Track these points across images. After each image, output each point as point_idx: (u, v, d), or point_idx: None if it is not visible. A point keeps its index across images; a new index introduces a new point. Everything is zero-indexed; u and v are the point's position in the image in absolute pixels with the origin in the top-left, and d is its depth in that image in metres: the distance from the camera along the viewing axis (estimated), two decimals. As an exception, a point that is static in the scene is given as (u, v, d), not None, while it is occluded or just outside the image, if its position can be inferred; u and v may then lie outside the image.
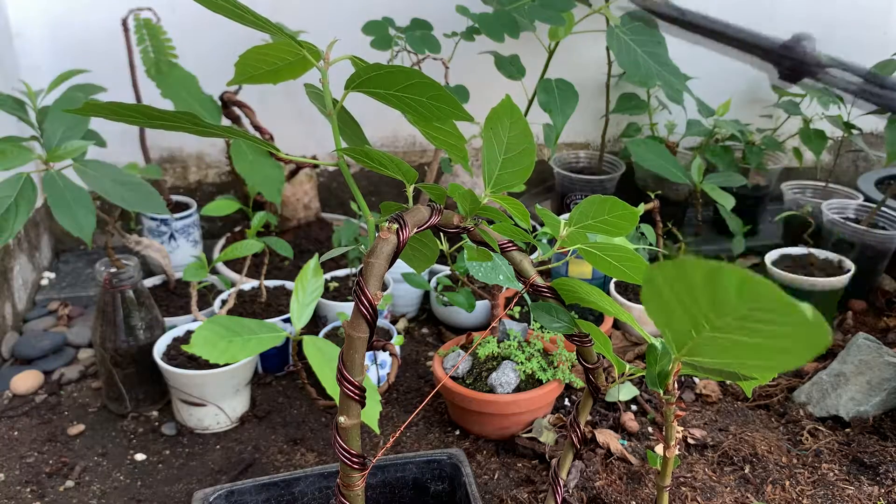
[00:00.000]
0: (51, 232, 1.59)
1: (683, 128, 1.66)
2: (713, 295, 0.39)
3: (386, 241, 0.45)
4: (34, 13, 1.44)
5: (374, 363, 1.10)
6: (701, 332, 0.44)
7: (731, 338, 0.43)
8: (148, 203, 0.96)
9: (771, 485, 0.98)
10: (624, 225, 0.58)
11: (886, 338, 1.31)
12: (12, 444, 1.05)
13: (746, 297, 0.37)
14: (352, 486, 0.49)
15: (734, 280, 0.37)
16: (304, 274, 0.98)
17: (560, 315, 0.58)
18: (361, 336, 0.45)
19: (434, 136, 0.54)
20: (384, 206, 0.57)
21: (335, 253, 1.06)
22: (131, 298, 1.06)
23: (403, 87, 0.49)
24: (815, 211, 1.52)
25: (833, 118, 1.62)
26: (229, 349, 0.87)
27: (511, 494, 0.95)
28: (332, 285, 1.32)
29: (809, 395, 1.14)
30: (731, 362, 0.45)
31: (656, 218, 1.35)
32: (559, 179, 1.68)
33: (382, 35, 1.30)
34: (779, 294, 0.35)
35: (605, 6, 1.35)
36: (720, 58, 1.77)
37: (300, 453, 1.04)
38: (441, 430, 1.09)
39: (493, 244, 0.56)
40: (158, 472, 1.01)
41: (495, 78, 1.35)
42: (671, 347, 0.48)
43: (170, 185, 1.64)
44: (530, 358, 1.05)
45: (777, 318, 0.37)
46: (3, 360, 1.24)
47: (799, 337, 0.37)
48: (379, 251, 0.44)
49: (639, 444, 1.05)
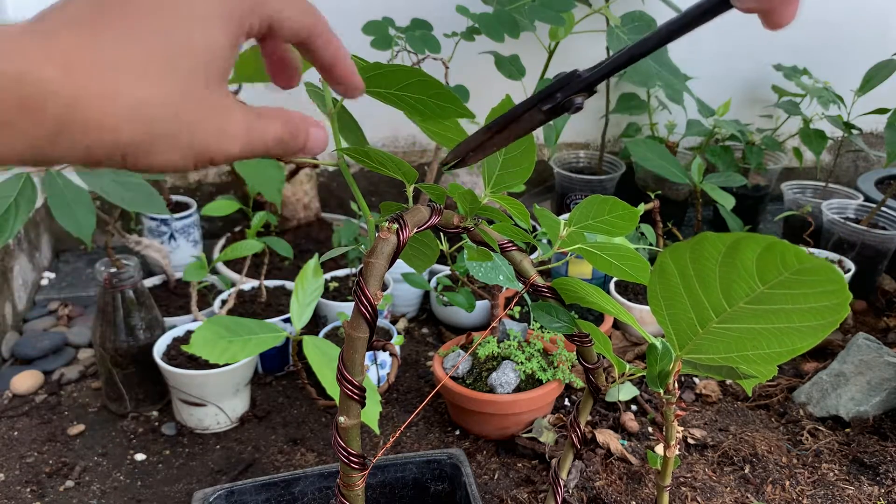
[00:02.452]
0: (51, 232, 1.59)
1: (683, 128, 1.66)
2: (730, 272, 0.39)
3: (386, 241, 0.45)
4: (33, 13, 1.44)
5: (374, 363, 1.10)
6: (707, 325, 0.44)
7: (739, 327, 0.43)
8: (148, 203, 0.96)
9: (771, 485, 0.98)
10: (624, 225, 0.58)
11: (886, 338, 1.31)
12: (12, 444, 1.05)
13: (775, 265, 0.37)
14: (352, 486, 0.49)
15: (757, 248, 0.37)
16: (304, 274, 0.98)
17: (560, 315, 0.58)
18: (361, 336, 0.45)
19: (436, 133, 0.54)
20: (384, 206, 0.57)
21: (335, 253, 1.06)
22: (131, 298, 1.06)
23: (404, 85, 0.49)
24: (815, 211, 1.52)
25: (833, 118, 1.62)
26: (229, 349, 0.87)
27: (511, 494, 0.95)
28: (332, 285, 1.32)
29: (809, 395, 1.14)
30: (736, 356, 0.45)
31: (656, 218, 1.35)
32: (559, 179, 1.68)
33: (382, 35, 1.30)
34: (808, 255, 0.36)
35: (605, 6, 1.35)
36: (720, 58, 1.78)
37: (300, 453, 1.04)
38: (441, 430, 1.09)
39: (493, 244, 0.56)
40: (158, 472, 1.01)
41: (495, 78, 1.35)
42: (673, 346, 0.48)
43: (170, 185, 1.64)
44: (530, 358, 1.05)
45: (808, 280, 0.37)
46: (3, 360, 1.24)
47: (825, 300, 0.37)
48: (379, 251, 0.44)
49: (639, 444, 1.05)
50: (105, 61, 0.29)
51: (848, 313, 0.36)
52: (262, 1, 0.34)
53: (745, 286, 0.40)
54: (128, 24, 0.30)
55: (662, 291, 0.44)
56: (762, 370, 0.49)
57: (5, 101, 0.27)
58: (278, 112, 0.37)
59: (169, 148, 0.31)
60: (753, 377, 0.51)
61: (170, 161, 0.32)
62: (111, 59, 0.29)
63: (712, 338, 0.45)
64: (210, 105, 0.32)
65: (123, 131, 0.30)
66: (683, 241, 0.40)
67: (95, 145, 0.29)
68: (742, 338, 0.44)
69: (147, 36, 0.30)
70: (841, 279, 0.37)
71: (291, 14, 0.36)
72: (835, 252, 1.42)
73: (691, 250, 0.40)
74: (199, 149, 0.33)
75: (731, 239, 0.38)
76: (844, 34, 1.81)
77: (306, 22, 0.37)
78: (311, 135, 0.39)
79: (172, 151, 0.32)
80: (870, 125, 1.91)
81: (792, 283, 0.38)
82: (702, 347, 0.47)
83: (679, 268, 0.42)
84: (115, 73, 0.29)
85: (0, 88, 0.26)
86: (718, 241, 0.39)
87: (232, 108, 0.34)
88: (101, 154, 0.30)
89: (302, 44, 0.38)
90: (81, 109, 0.28)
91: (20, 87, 0.27)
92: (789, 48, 1.78)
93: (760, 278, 0.39)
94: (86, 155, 0.30)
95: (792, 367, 1.25)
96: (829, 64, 1.78)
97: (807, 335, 0.41)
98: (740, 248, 0.38)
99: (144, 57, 0.30)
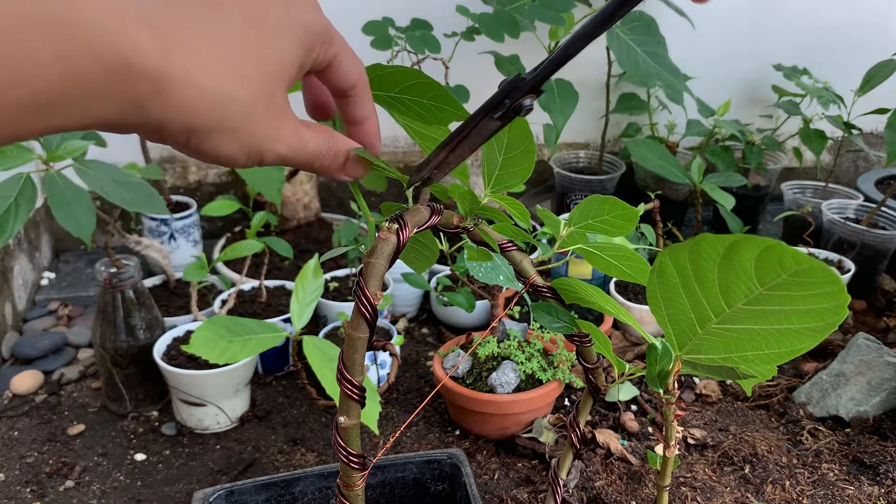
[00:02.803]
0: (51, 232, 1.59)
1: (683, 128, 1.66)
2: (728, 274, 0.39)
3: (386, 241, 0.45)
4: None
5: (374, 363, 1.10)
6: (706, 326, 0.44)
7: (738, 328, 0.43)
8: (148, 203, 0.96)
9: (771, 485, 0.98)
10: (624, 225, 0.58)
11: (886, 338, 1.31)
12: (12, 444, 1.05)
13: (774, 267, 0.37)
14: (352, 486, 0.49)
15: (755, 250, 0.37)
16: (304, 274, 0.98)
17: (560, 315, 0.58)
18: (361, 336, 0.45)
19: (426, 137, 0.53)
20: (384, 207, 0.57)
21: (335, 253, 1.06)
22: (131, 298, 1.06)
23: (403, 87, 0.49)
24: (815, 211, 1.52)
25: (833, 118, 1.62)
26: (229, 349, 0.87)
27: (511, 494, 0.95)
28: (332, 285, 1.32)
29: (809, 395, 1.14)
30: (735, 357, 0.45)
31: (656, 218, 1.35)
32: (559, 179, 1.68)
33: (382, 35, 1.30)
34: (805, 257, 0.36)
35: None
36: (720, 58, 1.78)
37: (300, 453, 1.04)
38: (441, 430, 1.09)
39: (493, 244, 0.56)
40: (158, 472, 1.01)
41: (495, 78, 1.35)
42: (672, 346, 0.48)
43: (170, 185, 1.64)
44: (530, 358, 1.05)
45: (806, 281, 0.37)
46: (3, 360, 1.24)
47: (823, 302, 0.37)
48: (379, 251, 0.44)
49: (639, 445, 1.05)
50: (204, 54, 0.32)
51: (846, 315, 0.36)
52: (332, 40, 0.38)
53: (743, 287, 0.40)
54: (225, 22, 0.33)
55: (662, 291, 0.44)
56: (761, 370, 0.49)
57: (101, 72, 0.28)
58: (326, 129, 0.41)
59: (230, 140, 0.35)
60: (753, 377, 0.51)
61: (227, 151, 0.35)
62: (209, 53, 0.32)
63: (711, 338, 0.45)
64: (274, 111, 0.36)
65: (199, 118, 0.32)
66: (682, 242, 0.40)
67: (170, 124, 0.32)
68: (741, 338, 0.44)
69: (240, 39, 0.33)
70: (839, 281, 0.37)
71: (347, 59, 0.40)
72: (835, 252, 1.42)
73: (690, 251, 0.40)
74: (255, 145, 0.36)
75: (729, 240, 0.38)
76: (844, 34, 1.81)
77: (357, 71, 0.41)
78: (353, 159, 0.42)
79: (232, 143, 0.35)
80: (870, 125, 1.91)
81: (790, 284, 0.38)
82: (701, 348, 0.47)
83: (678, 268, 0.42)
84: (209, 64, 0.32)
85: (97, 57, 0.28)
86: (717, 242, 0.39)
87: (287, 115, 0.37)
88: (171, 132, 0.33)
89: (345, 92, 0.42)
90: (170, 91, 0.31)
91: (116, 59, 0.28)
92: (789, 48, 1.78)
93: (759, 280, 0.39)
94: (156, 129, 0.32)
95: (792, 367, 1.25)
96: (829, 64, 1.78)
97: (805, 336, 0.41)
98: (739, 250, 0.38)
99: (239, 58, 0.33)
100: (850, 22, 1.80)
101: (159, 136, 0.33)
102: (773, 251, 0.37)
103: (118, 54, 0.28)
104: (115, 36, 0.28)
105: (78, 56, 0.27)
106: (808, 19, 1.78)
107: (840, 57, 1.80)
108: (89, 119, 0.29)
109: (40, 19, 0.26)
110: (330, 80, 0.41)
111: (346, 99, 0.42)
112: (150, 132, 0.32)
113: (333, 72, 0.40)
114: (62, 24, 0.26)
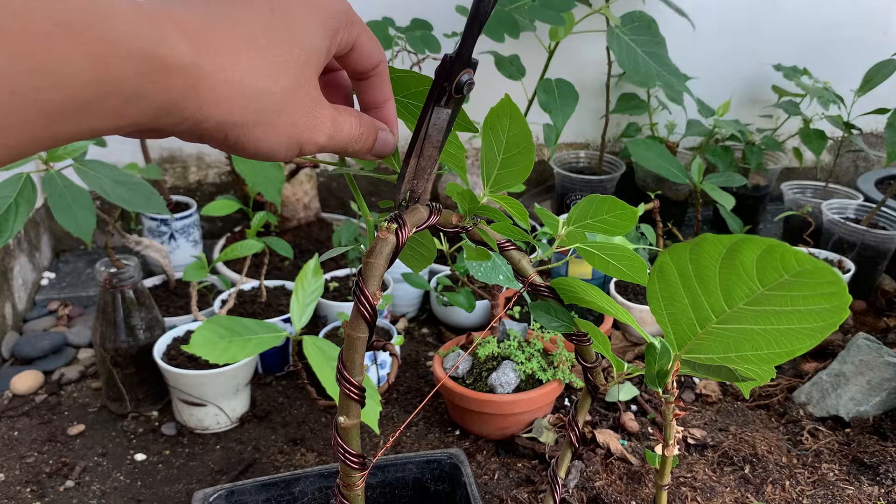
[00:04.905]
0: (51, 232, 1.59)
1: (683, 128, 1.66)
2: (730, 274, 0.39)
3: (385, 240, 0.45)
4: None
5: (374, 363, 1.10)
6: (706, 326, 0.44)
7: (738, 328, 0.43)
8: (148, 203, 0.96)
9: (771, 485, 0.98)
10: (623, 224, 0.58)
11: (886, 338, 1.31)
12: (12, 444, 1.05)
13: (775, 267, 0.37)
14: (352, 486, 0.49)
15: (757, 250, 0.37)
16: (304, 274, 0.98)
17: (559, 314, 0.58)
18: (361, 336, 0.45)
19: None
20: (384, 206, 0.57)
21: (335, 253, 1.06)
22: (131, 298, 1.06)
23: (409, 94, 0.49)
24: (815, 211, 1.52)
25: (833, 118, 1.62)
26: (229, 349, 0.87)
27: (511, 494, 0.95)
28: (332, 285, 1.32)
29: (809, 395, 1.14)
30: (734, 356, 0.45)
31: (656, 218, 1.35)
32: (559, 179, 1.68)
33: (383, 35, 1.30)
34: (808, 257, 0.36)
35: (605, 6, 1.35)
36: (720, 58, 1.78)
37: (300, 453, 1.04)
38: (441, 430, 1.09)
39: (492, 244, 0.56)
40: (158, 472, 1.01)
41: (495, 78, 1.35)
42: (672, 345, 0.48)
43: (170, 185, 1.64)
44: (530, 358, 1.05)
45: (808, 282, 0.37)
46: (3, 360, 1.24)
47: (825, 302, 0.37)
48: (378, 251, 0.44)
49: (639, 445, 1.05)
50: (235, 49, 0.32)
51: (847, 316, 0.36)
52: (353, 21, 0.38)
53: (744, 287, 0.40)
54: (252, 16, 0.33)
55: (662, 291, 0.44)
56: (760, 371, 0.49)
57: (134, 73, 0.28)
58: (353, 111, 0.40)
59: (268, 134, 0.35)
60: (751, 380, 0.51)
61: (266, 145, 0.35)
62: (240, 48, 0.32)
63: (711, 338, 0.45)
64: (309, 99, 0.36)
65: (236, 114, 0.33)
66: (683, 242, 0.40)
67: (206, 121, 0.32)
68: (741, 338, 0.44)
69: (268, 32, 0.34)
70: (841, 282, 0.37)
71: (369, 40, 0.40)
72: (835, 252, 1.42)
73: (691, 251, 0.40)
74: (295, 136, 0.36)
75: (731, 241, 0.38)
76: (844, 34, 1.81)
77: (378, 54, 0.41)
78: (380, 137, 0.42)
79: (271, 137, 0.35)
80: (870, 125, 1.91)
81: (792, 285, 0.38)
82: (700, 347, 0.47)
83: (679, 268, 0.42)
84: (241, 60, 0.32)
85: (130, 58, 0.28)
86: (718, 242, 0.39)
87: (322, 102, 0.37)
88: (208, 129, 0.33)
89: (367, 73, 0.41)
90: (204, 89, 0.31)
91: (149, 60, 0.28)
92: (789, 48, 1.78)
93: (760, 280, 0.39)
94: (193, 128, 0.32)
95: (792, 367, 1.25)
96: (829, 64, 1.78)
97: (806, 337, 0.41)
98: (740, 250, 0.38)
99: (269, 51, 0.33)
100: (850, 22, 1.80)
101: (197, 136, 0.33)
102: (775, 251, 0.37)
103: (151, 55, 0.28)
104: (148, 37, 0.28)
105: (111, 57, 0.27)
106: (808, 19, 1.78)
107: (840, 57, 1.80)
108: (123, 122, 0.29)
109: (74, 22, 0.26)
110: (352, 63, 0.40)
111: (367, 81, 0.42)
112: (187, 132, 0.33)
113: (356, 54, 0.40)
114: (95, 27, 0.27)
